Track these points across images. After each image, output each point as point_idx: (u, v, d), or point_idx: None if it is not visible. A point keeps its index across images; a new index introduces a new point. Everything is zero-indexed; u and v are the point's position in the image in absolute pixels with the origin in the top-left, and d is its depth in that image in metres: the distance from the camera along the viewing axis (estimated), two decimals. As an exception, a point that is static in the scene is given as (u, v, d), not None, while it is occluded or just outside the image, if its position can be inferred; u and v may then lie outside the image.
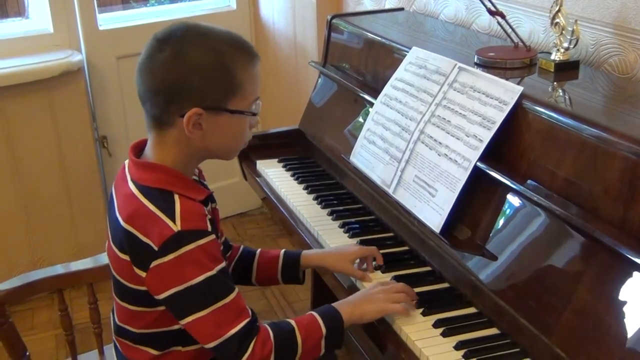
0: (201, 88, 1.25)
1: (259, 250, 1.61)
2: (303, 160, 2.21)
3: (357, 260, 1.58)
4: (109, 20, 3.03)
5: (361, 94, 1.97)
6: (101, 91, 3.01)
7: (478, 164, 1.45)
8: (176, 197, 1.27)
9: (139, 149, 1.36)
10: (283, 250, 1.60)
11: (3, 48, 2.80)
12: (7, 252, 2.82)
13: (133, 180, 1.30)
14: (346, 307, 1.39)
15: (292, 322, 1.34)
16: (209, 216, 1.31)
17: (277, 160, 2.21)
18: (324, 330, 1.34)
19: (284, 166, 2.16)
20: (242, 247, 1.61)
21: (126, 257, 1.29)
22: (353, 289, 1.56)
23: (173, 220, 1.24)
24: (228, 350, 1.27)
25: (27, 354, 1.68)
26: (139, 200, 1.27)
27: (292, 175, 2.10)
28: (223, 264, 1.29)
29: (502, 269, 1.36)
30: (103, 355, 1.76)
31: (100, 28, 2.95)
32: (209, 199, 1.38)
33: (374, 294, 1.42)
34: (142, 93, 1.29)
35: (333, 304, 1.40)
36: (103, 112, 3.03)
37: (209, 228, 1.28)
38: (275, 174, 2.12)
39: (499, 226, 1.42)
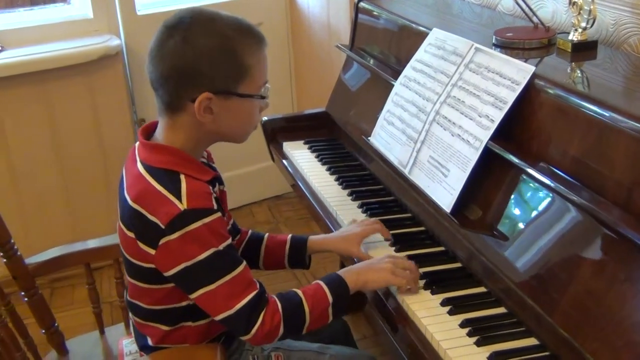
0: (210, 73, 1.28)
1: (266, 234, 1.64)
2: (329, 142, 2.23)
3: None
4: (148, 5, 3.09)
5: (386, 77, 1.98)
6: (139, 75, 3.07)
7: (489, 144, 1.46)
8: (182, 177, 1.30)
9: (149, 132, 1.41)
10: (290, 235, 1.63)
11: (45, 33, 2.89)
12: (48, 229, 2.93)
13: (141, 161, 1.35)
14: (351, 274, 1.42)
15: (299, 292, 1.37)
16: (215, 195, 1.35)
17: (303, 142, 2.24)
18: (330, 298, 1.38)
19: (310, 148, 2.19)
20: (250, 231, 1.65)
21: (131, 235, 1.33)
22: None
23: (179, 199, 1.27)
24: (238, 321, 1.31)
25: (56, 325, 1.76)
26: (146, 180, 1.31)
27: (317, 157, 2.12)
28: (229, 240, 1.32)
29: (511, 249, 1.36)
30: (129, 328, 1.82)
31: (139, 13, 3.02)
32: (217, 180, 1.41)
33: (381, 263, 1.45)
34: (153, 80, 1.32)
35: (338, 272, 1.43)
36: (141, 95, 3.10)
37: (215, 206, 1.31)
38: (300, 155, 2.15)
39: (510, 206, 1.42)
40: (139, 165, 1.34)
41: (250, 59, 1.31)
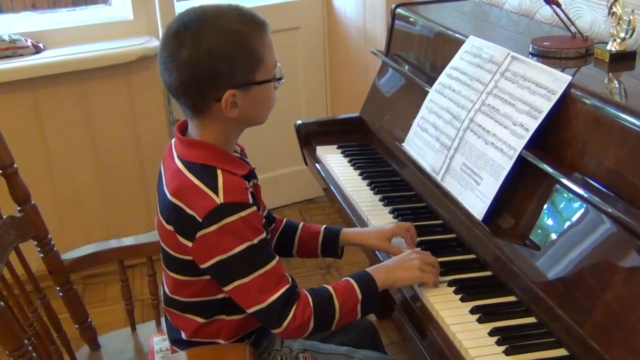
0: (229, 71, 1.30)
1: (301, 224, 1.67)
2: (362, 147, 2.24)
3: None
4: (186, 7, 3.13)
5: (421, 83, 1.98)
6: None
7: (523, 153, 1.45)
8: (219, 171, 1.33)
9: (184, 127, 1.44)
10: (324, 226, 1.65)
11: (86, 33, 2.95)
12: (85, 226, 2.98)
13: (179, 157, 1.38)
14: (381, 272, 1.45)
15: (330, 288, 1.39)
16: (251, 189, 1.38)
17: (336, 146, 2.25)
18: (359, 295, 1.40)
19: (342, 152, 2.20)
20: (285, 220, 1.67)
21: (170, 228, 1.37)
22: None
23: (216, 193, 1.30)
24: (270, 315, 1.34)
25: (89, 320, 1.79)
26: (184, 175, 1.34)
27: (350, 162, 2.13)
28: (264, 235, 1.35)
29: (543, 259, 1.36)
30: (160, 325, 1.84)
31: (178, 15, 3.06)
32: (251, 175, 1.44)
33: (409, 261, 1.47)
34: (173, 89, 1.34)
35: (367, 269, 1.45)
36: (178, 96, 3.13)
37: (250, 201, 1.34)
38: (333, 159, 2.16)
39: (543, 216, 1.41)
40: (177, 161, 1.38)
41: (260, 46, 1.34)
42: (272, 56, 1.37)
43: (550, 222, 1.40)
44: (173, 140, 1.44)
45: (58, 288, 1.73)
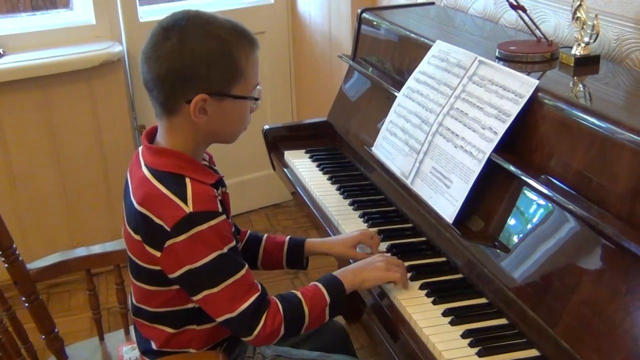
0: (207, 75, 1.30)
1: (265, 235, 1.66)
2: (330, 152, 2.24)
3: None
4: (150, 12, 3.11)
5: (388, 87, 1.99)
6: (140, 82, 3.02)
7: (492, 156, 1.47)
8: (187, 180, 1.32)
9: (151, 136, 1.42)
10: (288, 237, 1.65)
11: (48, 38, 2.90)
12: (47, 234, 2.93)
13: (146, 165, 1.36)
14: (347, 274, 1.46)
15: (299, 293, 1.40)
16: (219, 198, 1.36)
17: (304, 151, 2.24)
18: (328, 299, 1.41)
19: (311, 157, 2.20)
20: (248, 231, 1.66)
21: (138, 238, 1.34)
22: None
23: (185, 202, 1.29)
24: (241, 324, 1.33)
25: (56, 330, 1.75)
26: (151, 184, 1.33)
27: (318, 166, 2.13)
28: (233, 243, 1.34)
29: (513, 261, 1.37)
30: (129, 334, 1.82)
31: (141, 20, 3.03)
32: (220, 183, 1.43)
33: (375, 262, 1.49)
34: (148, 81, 1.34)
35: (334, 273, 1.46)
36: (142, 101, 3.10)
37: (220, 209, 1.33)
38: (301, 164, 2.16)
39: (512, 218, 1.43)
40: (144, 169, 1.36)
41: (244, 61, 1.34)
42: (255, 76, 1.37)
43: (519, 224, 1.42)
44: (140, 148, 1.42)
45: (23, 298, 1.69)
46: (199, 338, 1.43)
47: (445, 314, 1.40)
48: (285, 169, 2.19)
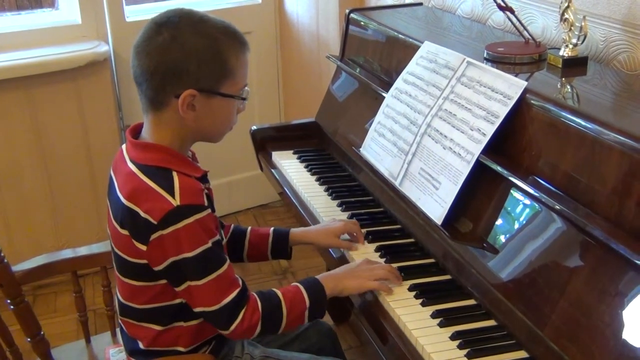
0: (196, 72, 1.31)
1: (249, 228, 1.68)
2: (318, 153, 2.23)
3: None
4: (136, 12, 3.09)
5: (376, 88, 1.99)
6: (127, 81, 3.06)
7: (481, 157, 1.47)
8: (174, 174, 1.33)
9: (136, 132, 1.43)
10: (272, 229, 1.67)
11: (33, 38, 2.87)
12: (33, 235, 2.90)
13: (132, 160, 1.37)
14: (329, 280, 1.47)
15: (279, 293, 1.41)
16: (206, 191, 1.37)
17: (292, 152, 2.24)
18: (307, 302, 1.42)
19: (299, 158, 2.19)
20: (232, 225, 1.67)
21: (126, 232, 1.35)
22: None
23: (172, 195, 1.30)
24: (219, 317, 1.35)
25: (42, 333, 1.74)
26: (138, 178, 1.33)
27: (306, 167, 2.12)
28: (217, 237, 1.36)
29: (502, 262, 1.37)
30: (115, 336, 1.80)
31: (128, 20, 3.01)
32: (204, 178, 1.43)
33: (358, 270, 1.50)
34: (138, 74, 1.34)
35: (317, 277, 1.47)
36: (128, 101, 3.08)
37: (206, 203, 1.34)
38: (289, 165, 2.15)
39: (500, 219, 1.43)
40: (130, 164, 1.36)
41: (234, 61, 1.35)
42: (243, 77, 1.39)
43: (507, 225, 1.42)
44: (124, 145, 1.43)
45: (9, 301, 1.67)
46: (187, 335, 1.43)
47: (434, 315, 1.40)
48: (272, 170, 2.18)
